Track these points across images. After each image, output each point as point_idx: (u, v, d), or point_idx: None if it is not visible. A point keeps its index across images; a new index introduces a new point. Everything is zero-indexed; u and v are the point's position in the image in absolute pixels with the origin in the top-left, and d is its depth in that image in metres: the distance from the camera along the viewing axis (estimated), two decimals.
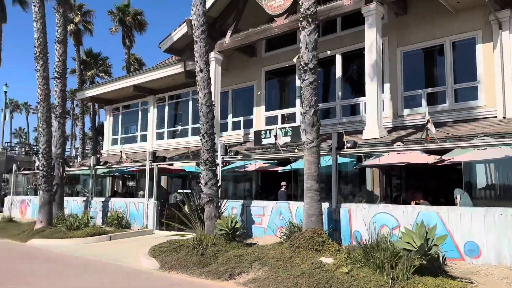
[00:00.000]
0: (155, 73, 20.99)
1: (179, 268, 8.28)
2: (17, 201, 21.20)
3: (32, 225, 14.52)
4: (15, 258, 10.19)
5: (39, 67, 14.13)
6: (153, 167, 14.58)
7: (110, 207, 15.74)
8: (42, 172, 14.05)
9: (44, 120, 14.18)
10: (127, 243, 12.28)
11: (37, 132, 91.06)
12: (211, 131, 10.48)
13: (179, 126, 23.00)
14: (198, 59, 10.59)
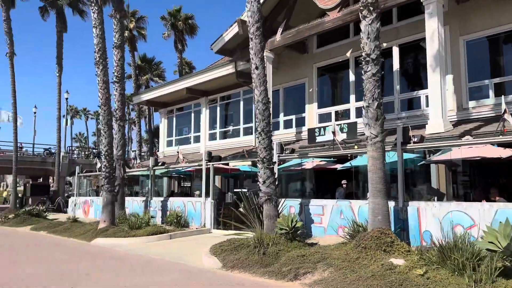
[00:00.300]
0: (206, 74, 21.23)
1: (241, 267, 8.17)
2: (80, 202, 22.25)
3: (96, 225, 15.09)
4: (82, 257, 10.57)
5: (99, 72, 14.68)
6: (209, 167, 14.67)
7: (169, 206, 16.05)
8: (104, 174, 14.58)
9: (106, 123, 14.70)
10: (186, 242, 12.41)
11: (95, 136, 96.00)
12: (268, 128, 10.30)
13: (231, 126, 23.14)
14: (253, 56, 10.46)
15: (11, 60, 26.02)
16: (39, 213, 20.27)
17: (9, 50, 26.13)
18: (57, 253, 11.05)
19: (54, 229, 16.30)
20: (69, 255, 10.77)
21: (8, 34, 25.93)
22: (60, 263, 9.44)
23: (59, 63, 29.70)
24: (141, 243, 12.36)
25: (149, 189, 17.37)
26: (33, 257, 10.41)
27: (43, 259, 10.14)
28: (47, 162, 35.95)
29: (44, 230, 16.69)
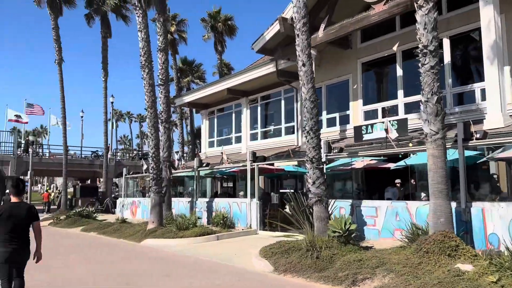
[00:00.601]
0: (247, 74, 21.13)
1: (294, 271, 7.91)
2: (128, 203, 22.77)
3: (144, 226, 15.32)
4: (133, 258, 10.68)
5: (145, 75, 14.88)
6: (254, 167, 14.51)
7: (214, 207, 16.04)
8: (152, 175, 14.76)
9: (152, 125, 14.88)
10: (234, 243, 12.30)
11: (139, 139, 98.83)
12: (316, 127, 9.98)
13: (272, 126, 22.92)
14: (300, 53, 10.16)
15: (59, 67, 27.08)
16: (89, 214, 20.91)
17: (57, 57, 27.20)
18: (108, 254, 11.25)
19: (104, 230, 16.71)
20: (120, 256, 10.92)
21: (56, 41, 27.01)
22: (112, 265, 9.56)
23: (105, 68, 30.65)
24: (189, 244, 12.37)
25: (194, 190, 17.44)
26: (85, 259, 10.63)
27: (96, 260, 10.33)
28: (94, 164, 37.23)
29: (94, 231, 17.16)
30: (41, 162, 33.61)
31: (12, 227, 5.31)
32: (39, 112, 40.80)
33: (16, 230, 5.35)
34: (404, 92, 15.40)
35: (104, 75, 30.70)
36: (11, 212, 5.37)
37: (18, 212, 5.40)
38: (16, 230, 5.35)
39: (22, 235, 5.41)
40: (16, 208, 5.42)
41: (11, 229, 5.30)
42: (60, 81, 27.05)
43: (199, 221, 14.45)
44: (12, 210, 5.40)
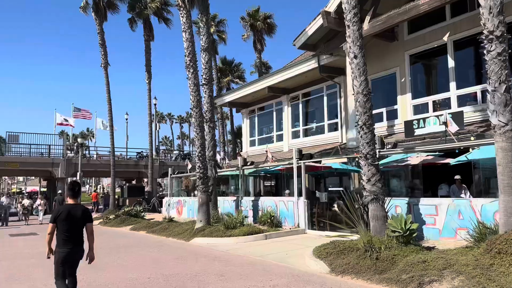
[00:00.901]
0: (288, 72, 20.88)
1: (353, 273, 7.58)
2: (174, 202, 23.09)
3: (192, 225, 15.42)
4: (186, 257, 10.69)
5: (190, 75, 14.95)
6: (300, 165, 14.22)
7: (260, 206, 15.90)
8: (198, 174, 14.81)
9: (198, 124, 14.93)
10: (283, 242, 12.09)
11: (179, 140, 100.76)
12: (370, 122, 9.57)
13: (314, 123, 22.59)
14: (351, 45, 9.79)
15: (105, 70, 27.89)
16: (137, 214, 21.38)
17: (103, 61, 28.02)
18: (160, 253, 11.34)
19: (153, 228, 16.99)
20: (172, 255, 10.97)
21: (102, 45, 27.84)
22: (166, 264, 9.60)
23: (148, 71, 31.31)
24: (238, 243, 12.28)
25: (239, 189, 17.37)
26: (138, 258, 10.76)
27: (148, 259, 10.43)
28: (139, 165, 38.20)
29: (143, 230, 17.48)
30: (89, 163, 34.89)
31: (68, 228, 5.54)
32: (86, 116, 42.36)
33: (72, 231, 5.57)
34: (456, 84, 14.63)
35: (148, 77, 31.36)
36: (68, 213, 5.58)
37: (74, 213, 5.61)
38: (72, 231, 5.56)
39: (77, 236, 5.63)
40: (73, 210, 5.64)
41: (67, 230, 5.53)
42: (106, 84, 27.85)
43: (245, 220, 14.35)
44: (69, 211, 5.60)
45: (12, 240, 16.09)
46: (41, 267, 9.35)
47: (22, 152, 34.15)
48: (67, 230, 5.52)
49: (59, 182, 34.28)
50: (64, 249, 5.51)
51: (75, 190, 5.84)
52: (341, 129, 19.34)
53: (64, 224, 5.52)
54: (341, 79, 19.42)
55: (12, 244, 14.86)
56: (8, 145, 34.14)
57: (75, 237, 5.59)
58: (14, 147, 34.10)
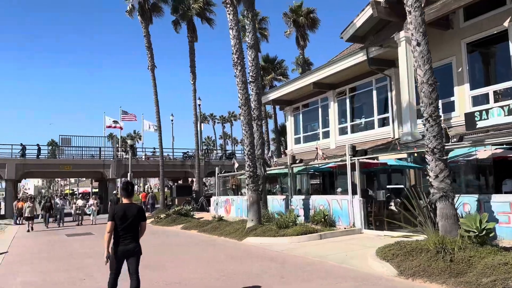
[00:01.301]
0: (334, 66, 20.29)
1: (425, 276, 7.02)
2: (222, 201, 23.10)
3: (242, 224, 15.25)
4: (240, 257, 10.48)
5: (237, 73, 14.77)
6: (354, 162, 13.66)
7: (311, 204, 15.46)
8: (248, 173, 14.60)
9: (246, 123, 14.72)
10: (339, 243, 11.61)
11: (222, 140, 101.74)
12: (437, 113, 8.90)
13: (363, 119, 21.83)
14: (413, 32, 9.15)
15: (152, 72, 28.41)
16: (187, 213, 21.57)
17: (150, 63, 28.57)
18: (215, 253, 11.21)
19: (204, 228, 17.00)
20: (227, 254, 10.80)
21: (148, 48, 28.39)
22: (223, 265, 9.42)
23: (193, 71, 31.61)
24: (292, 243, 11.94)
25: (287, 187, 17.01)
26: (195, 257, 10.67)
27: (204, 258, 10.31)
28: (185, 165, 38.77)
29: (194, 229, 17.54)
30: (138, 164, 35.77)
31: (125, 226, 5.78)
32: (132, 119, 43.53)
33: (128, 228, 5.81)
34: None
35: (193, 78, 31.66)
36: (124, 212, 5.83)
37: (130, 212, 5.86)
38: (128, 229, 5.82)
39: (133, 233, 5.88)
40: (128, 209, 5.89)
41: (124, 228, 5.77)
42: (154, 86, 28.37)
43: (298, 219, 13.98)
44: (125, 210, 5.86)
45: (69, 240, 16.62)
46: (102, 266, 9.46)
47: (74, 155, 35.59)
48: (124, 228, 5.76)
49: (110, 183, 35.42)
50: (121, 247, 5.76)
51: (129, 190, 6.08)
52: (393, 124, 18.52)
53: (121, 222, 5.76)
54: (391, 71, 18.61)
55: (69, 244, 15.33)
56: (61, 148, 35.68)
57: (131, 235, 5.83)
58: (66, 149, 35.59)
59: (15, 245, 15.23)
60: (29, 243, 15.86)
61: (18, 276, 9.07)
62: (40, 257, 11.79)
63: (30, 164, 33.01)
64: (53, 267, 9.99)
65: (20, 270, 9.78)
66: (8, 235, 19.92)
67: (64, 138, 34.59)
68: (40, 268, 9.99)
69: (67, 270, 9.58)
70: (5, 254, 12.80)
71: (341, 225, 13.84)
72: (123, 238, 5.75)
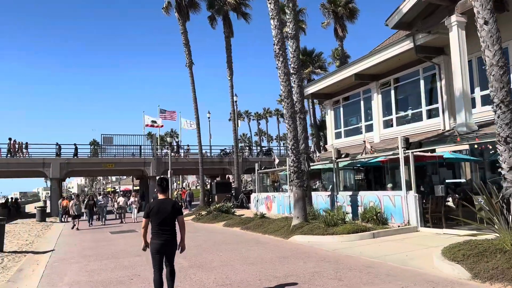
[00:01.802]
0: (378, 56, 19.33)
1: (505, 279, 6.20)
2: (262, 198, 22.63)
3: (287, 221, 14.70)
4: (290, 256, 9.93)
5: (279, 64, 14.19)
6: (408, 155, 12.77)
7: (359, 201, 14.68)
8: (292, 168, 14.01)
9: (290, 116, 14.13)
10: (395, 242, 10.84)
11: (257, 136, 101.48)
12: (509, 98, 7.98)
13: (409, 111, 20.73)
14: (479, 10, 8.27)
15: (190, 69, 28.28)
16: (228, 210, 21.26)
17: (187, 60, 28.45)
18: (262, 252, 10.72)
19: (246, 225, 16.58)
20: (275, 254, 10.28)
21: (186, 45, 28.27)
22: (273, 265, 8.91)
23: (230, 67, 31.22)
24: (343, 242, 11.27)
25: (333, 183, 16.29)
26: (241, 256, 10.22)
27: (252, 258, 9.84)
28: (223, 162, 38.63)
29: (237, 226, 17.16)
30: (177, 162, 35.90)
31: (161, 221, 5.88)
32: (171, 117, 43.85)
33: (165, 223, 5.90)
34: None
35: (230, 74, 31.27)
36: (159, 207, 5.93)
37: (164, 207, 5.95)
38: (165, 224, 5.90)
39: (169, 228, 5.95)
40: (163, 204, 5.99)
41: (160, 223, 5.87)
42: (192, 83, 28.25)
43: (347, 217, 13.27)
44: (160, 205, 5.96)
45: (114, 238, 16.65)
46: (149, 265, 9.19)
47: (116, 153, 36.21)
48: (160, 223, 5.87)
49: (151, 180, 35.78)
50: (158, 241, 5.87)
51: (163, 185, 6.16)
52: (443, 114, 17.40)
53: (156, 218, 5.88)
54: (440, 59, 17.50)
55: (114, 242, 15.31)
56: (103, 147, 36.37)
57: (167, 230, 5.90)
58: (108, 148, 36.26)
59: (62, 243, 15.39)
60: (74, 241, 16.00)
61: (66, 275, 8.94)
62: (87, 255, 11.73)
63: (74, 163, 33.86)
64: (100, 266, 9.83)
65: (67, 269, 9.67)
66: (54, 232, 20.33)
67: (106, 137, 35.22)
68: (87, 267, 9.85)
69: (114, 269, 9.38)
70: (52, 253, 12.87)
71: (394, 223, 13.01)
72: (160, 233, 5.87)
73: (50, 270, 9.77)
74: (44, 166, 32.50)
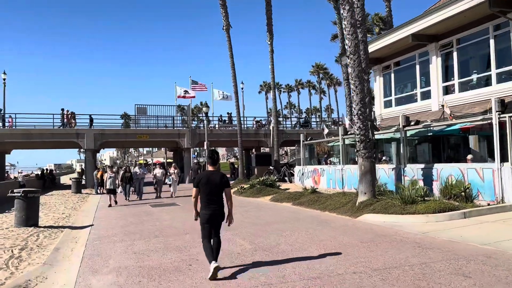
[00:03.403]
0: (441, 12, 16.95)
1: None
2: (309, 171, 20.88)
3: (347, 197, 13.00)
4: (373, 240, 8.22)
5: (345, 14, 12.10)
6: (505, 120, 10.63)
7: (435, 175, 12.70)
8: (359, 136, 12.10)
9: (356, 75, 12.12)
10: (496, 223, 8.92)
11: (287, 110, 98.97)
12: None
13: (474, 75, 18.29)
14: None
15: (227, 33, 26.29)
16: (272, 184, 19.69)
17: (224, 22, 26.42)
18: (333, 233, 9.02)
19: (298, 200, 14.97)
20: (350, 236, 8.57)
21: (223, 6, 26.18)
22: (358, 251, 7.19)
23: (270, 30, 28.79)
24: (429, 223, 9.45)
25: (401, 155, 14.30)
26: (309, 238, 8.56)
27: (325, 241, 8.16)
28: (259, 133, 36.99)
29: (287, 201, 15.56)
30: (212, 133, 34.50)
31: (209, 192, 5.95)
32: (202, 89, 42.22)
33: (213, 194, 5.98)
34: None
35: (270, 38, 28.91)
36: (208, 179, 6.01)
37: (213, 178, 6.03)
38: (213, 194, 5.98)
39: (217, 199, 6.02)
40: (212, 176, 6.07)
41: (209, 193, 5.95)
42: (229, 49, 26.30)
43: (429, 193, 11.34)
44: (209, 177, 6.04)
45: (156, 212, 15.35)
46: None
47: (149, 124, 35.10)
48: (209, 193, 5.95)
49: (185, 152, 34.64)
50: (207, 211, 5.95)
51: (214, 158, 6.22)
52: None
53: (205, 188, 5.96)
54: None
55: (158, 216, 13.99)
56: (136, 118, 35.18)
57: (216, 200, 5.98)
58: (142, 119, 35.09)
59: (100, 217, 14.21)
60: (114, 214, 14.79)
61: (110, 258, 7.53)
62: (130, 233, 10.37)
63: (108, 133, 32.98)
64: (148, 247, 8.40)
65: (111, 250, 8.27)
66: (91, 205, 19.35)
67: (140, 108, 34.03)
68: (133, 247, 8.44)
69: (166, 250, 7.91)
70: (91, 228, 11.63)
71: (482, 200, 11.03)
72: (208, 203, 5.94)
73: (92, 250, 8.41)
74: (78, 137, 31.78)
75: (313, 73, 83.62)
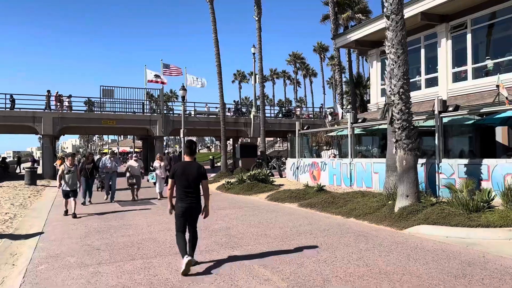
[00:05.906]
0: None
1: None
2: (306, 165, 18.11)
3: (379, 200, 10.32)
4: (455, 270, 5.50)
5: None
6: None
7: (485, 173, 10.17)
8: (400, 122, 9.33)
9: (399, 41, 9.35)
10: None
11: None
12: None
13: (489, 60, 16.33)
14: None
15: (211, 4, 22.96)
16: (265, 178, 16.79)
17: None
18: (387, 256, 6.23)
19: (306, 201, 12.20)
20: (415, 262, 5.82)
21: None
22: None
23: (258, 4, 25.55)
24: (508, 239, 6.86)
25: (436, 147, 11.73)
26: (369, 269, 5.73)
27: (386, 270, 5.37)
28: (238, 122, 34.03)
29: (289, 202, 12.76)
30: (187, 121, 31.13)
31: (186, 184, 5.68)
32: (178, 72, 38.53)
33: (189, 186, 5.69)
34: None
35: (258, 12, 25.63)
36: (184, 169, 5.73)
37: (189, 170, 5.73)
38: (189, 187, 5.69)
39: (194, 191, 5.74)
40: (188, 167, 5.78)
41: (185, 185, 5.68)
42: (213, 22, 23.01)
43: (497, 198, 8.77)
44: (185, 167, 5.76)
45: (129, 215, 12.09)
46: None
47: (117, 109, 31.33)
48: (184, 186, 5.67)
49: (157, 141, 31.16)
50: (183, 204, 5.68)
51: (192, 148, 5.96)
52: None
53: (182, 179, 5.68)
54: None
55: (132, 221, 10.79)
56: (102, 102, 31.24)
57: (192, 193, 5.70)
58: (108, 102, 31.22)
59: (54, 220, 10.84)
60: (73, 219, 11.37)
61: None
62: (94, 248, 7.22)
63: (69, 118, 29.03)
64: (121, 277, 5.31)
65: (63, 285, 5.13)
66: (45, 201, 15.88)
67: (106, 89, 30.15)
68: (98, 278, 5.32)
69: (151, 285, 4.89)
70: (39, 238, 8.36)
71: None
72: (184, 196, 5.68)
73: (32, 284, 5.24)
74: (34, 121, 27.68)
75: (289, 62, 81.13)
